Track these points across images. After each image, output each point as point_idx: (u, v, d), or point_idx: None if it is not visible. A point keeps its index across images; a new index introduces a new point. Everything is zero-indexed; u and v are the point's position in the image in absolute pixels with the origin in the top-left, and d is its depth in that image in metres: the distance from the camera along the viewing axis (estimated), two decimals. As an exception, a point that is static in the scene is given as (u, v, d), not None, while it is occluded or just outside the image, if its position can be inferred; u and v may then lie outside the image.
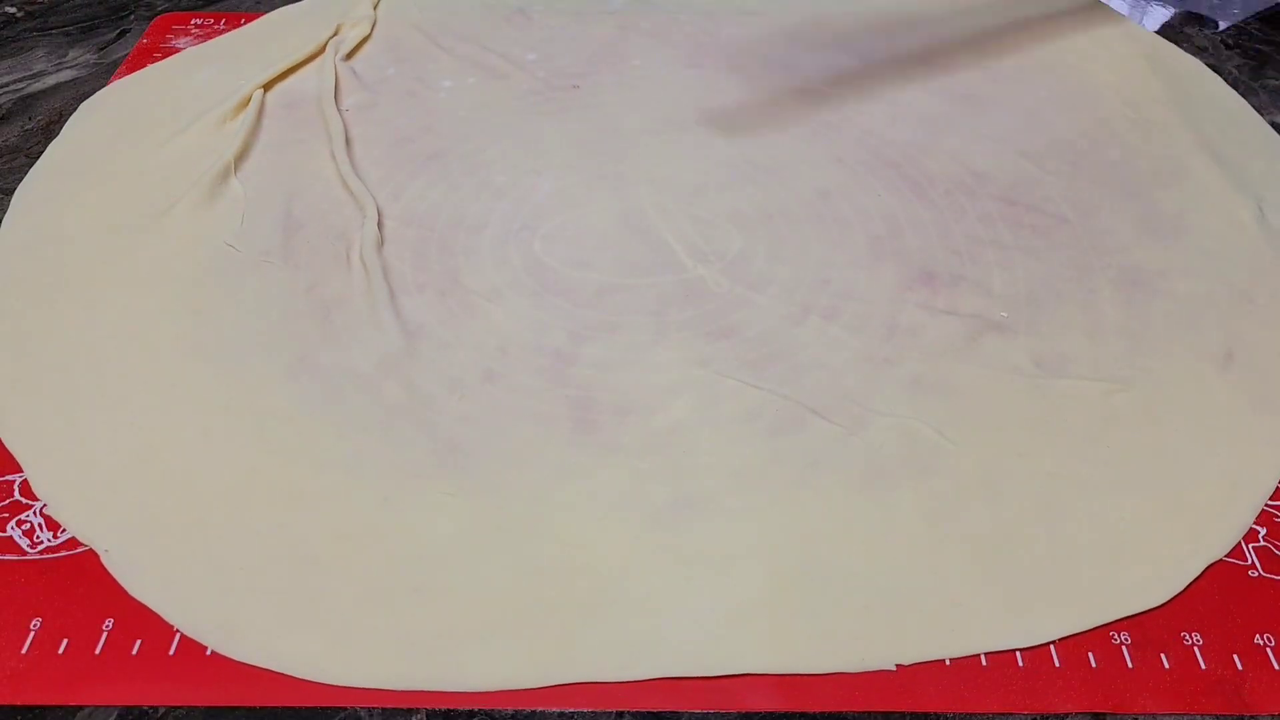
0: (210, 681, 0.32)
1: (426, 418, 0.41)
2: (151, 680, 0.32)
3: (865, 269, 0.48)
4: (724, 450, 0.40)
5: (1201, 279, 0.47)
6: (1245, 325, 0.45)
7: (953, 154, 0.55)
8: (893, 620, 0.34)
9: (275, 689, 0.32)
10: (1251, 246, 0.49)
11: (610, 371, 0.43)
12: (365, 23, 0.65)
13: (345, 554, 0.36)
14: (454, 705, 0.32)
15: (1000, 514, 0.37)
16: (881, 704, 0.32)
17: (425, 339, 0.44)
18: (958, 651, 0.33)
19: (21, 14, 0.70)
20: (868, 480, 0.38)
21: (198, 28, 0.67)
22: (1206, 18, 0.69)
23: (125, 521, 0.37)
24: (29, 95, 0.61)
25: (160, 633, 0.34)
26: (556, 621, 0.34)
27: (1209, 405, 0.42)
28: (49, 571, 0.35)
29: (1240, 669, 0.33)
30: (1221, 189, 0.52)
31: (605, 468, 0.39)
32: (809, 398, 0.42)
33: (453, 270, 0.48)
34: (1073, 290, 0.47)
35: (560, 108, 0.58)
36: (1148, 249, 0.49)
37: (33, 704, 0.32)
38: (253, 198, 0.51)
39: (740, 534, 0.37)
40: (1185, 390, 0.42)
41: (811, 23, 0.66)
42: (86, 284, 0.46)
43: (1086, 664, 0.33)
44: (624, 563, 0.36)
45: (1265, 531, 0.37)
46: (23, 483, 0.38)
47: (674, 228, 0.50)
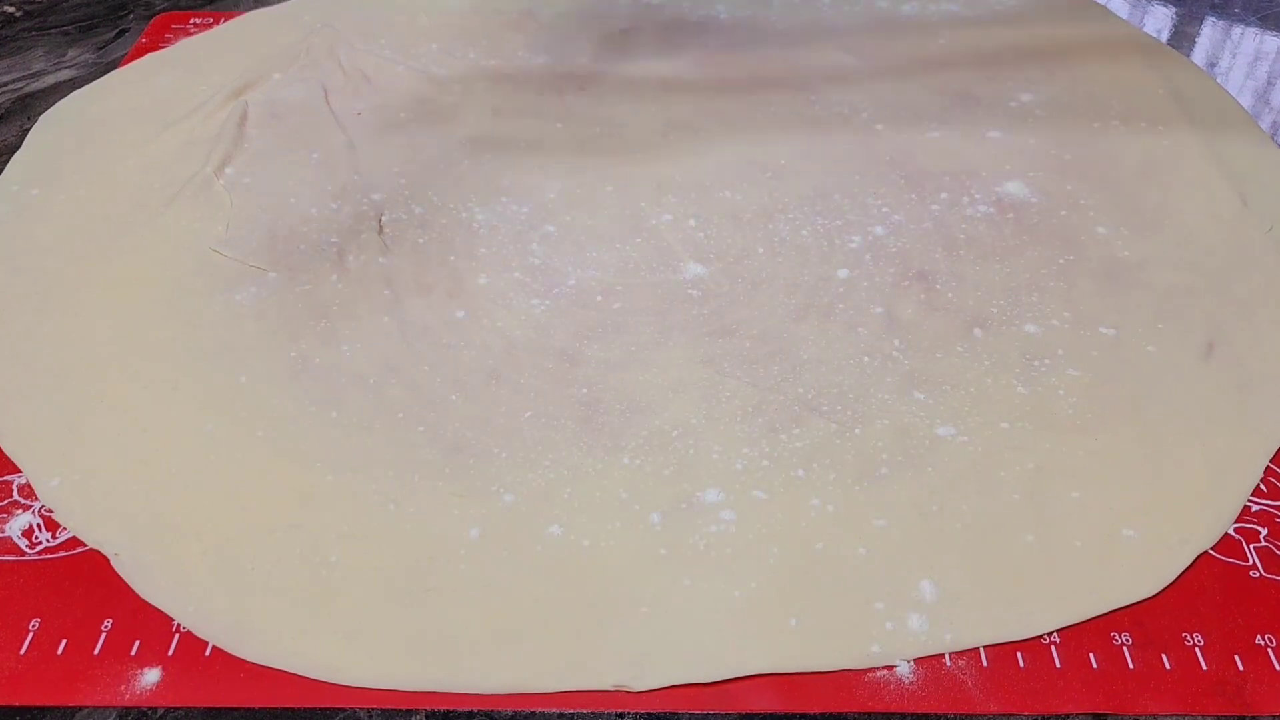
0: (210, 681, 0.32)
1: (432, 419, 0.41)
2: (151, 680, 0.32)
3: (862, 267, 0.48)
4: (726, 448, 0.40)
5: (1183, 270, 0.48)
6: (1226, 316, 0.45)
7: (948, 152, 0.55)
8: (892, 616, 0.34)
9: (275, 689, 0.32)
10: (1233, 238, 0.50)
11: (614, 371, 0.43)
12: (335, 32, 0.64)
13: (353, 554, 0.36)
14: (454, 706, 0.32)
15: (992, 507, 0.38)
16: (882, 704, 0.32)
17: (430, 340, 0.44)
18: (956, 646, 0.34)
19: (20, 13, 0.70)
20: (864, 475, 0.39)
21: (196, 27, 0.67)
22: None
23: (134, 525, 0.37)
24: (28, 95, 0.61)
25: (160, 633, 0.34)
26: (562, 622, 0.34)
27: (1193, 395, 0.42)
28: (48, 572, 0.35)
29: (1241, 669, 0.33)
30: (1204, 181, 0.53)
31: (610, 467, 0.39)
32: (808, 395, 0.42)
33: (458, 272, 0.48)
34: (1056, 284, 0.47)
35: (567, 109, 0.58)
36: (1129, 241, 0.49)
37: (32, 704, 0.32)
38: (239, 205, 0.51)
39: (742, 531, 0.37)
40: (1169, 381, 0.42)
41: (812, 23, 0.66)
42: (73, 291, 0.46)
43: (1088, 664, 0.33)
44: (629, 562, 0.36)
45: (1266, 531, 0.37)
46: (22, 484, 0.38)
47: (676, 228, 0.50)
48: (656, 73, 0.61)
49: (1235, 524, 0.37)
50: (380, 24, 0.66)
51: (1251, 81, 0.63)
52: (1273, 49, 0.67)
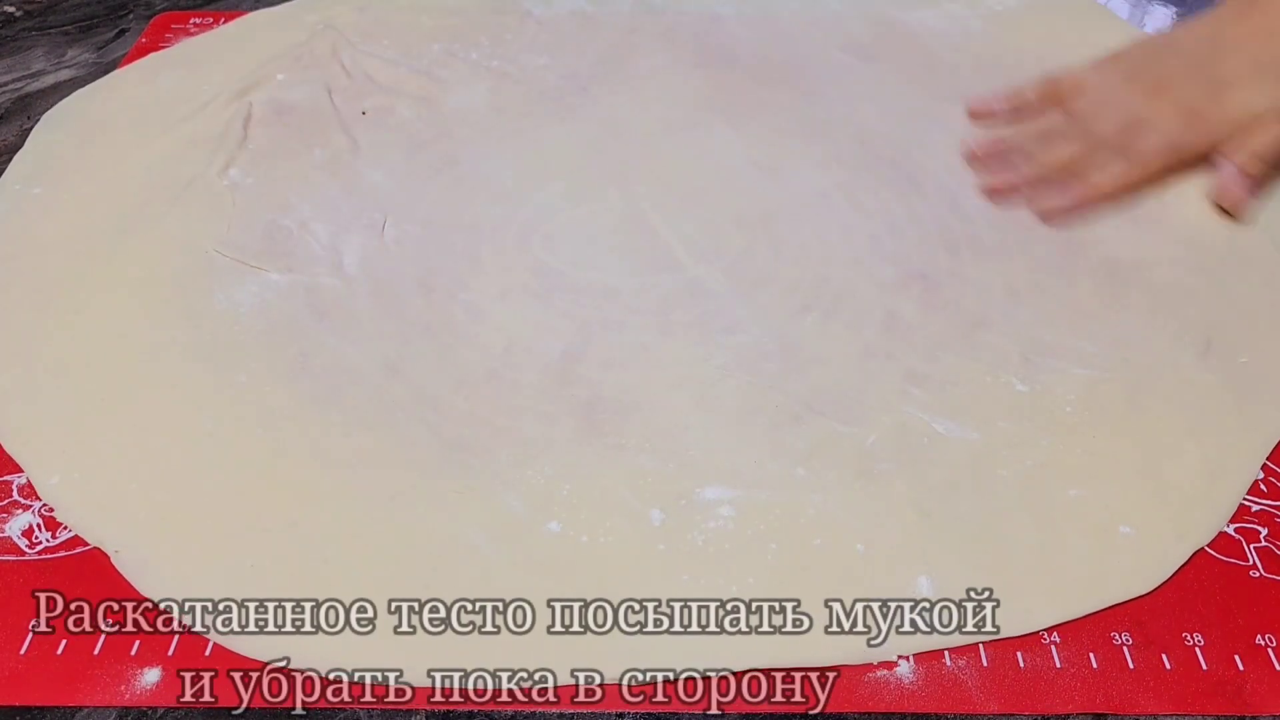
0: (210, 681, 0.32)
1: (433, 419, 0.41)
2: (151, 680, 0.32)
3: (863, 267, 0.48)
4: (726, 446, 0.40)
5: (1182, 270, 0.48)
6: (1225, 315, 0.46)
7: (945, 152, 0.55)
8: (892, 612, 0.34)
9: (275, 690, 0.32)
10: (1231, 238, 0.50)
11: (614, 370, 0.43)
12: (340, 29, 0.64)
13: (353, 552, 0.36)
14: (454, 706, 0.32)
15: (990, 504, 0.38)
16: (882, 704, 0.32)
17: (431, 339, 0.44)
18: (955, 642, 0.34)
19: (20, 13, 0.70)
20: (863, 473, 0.39)
21: (197, 27, 0.67)
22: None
23: (134, 523, 0.37)
24: (28, 94, 0.61)
25: (160, 633, 0.34)
26: (561, 618, 0.34)
27: (1191, 394, 0.42)
28: (49, 572, 0.35)
29: (1241, 669, 0.33)
30: (1203, 181, 0.53)
31: (610, 465, 0.39)
32: (807, 394, 0.42)
33: (459, 271, 0.48)
34: (1055, 283, 0.47)
35: (568, 110, 0.58)
36: (1128, 240, 0.49)
37: (33, 704, 0.32)
38: (241, 205, 0.51)
39: (741, 528, 0.37)
40: (1166, 379, 0.43)
41: (814, 24, 0.66)
42: (74, 290, 0.46)
43: (1088, 664, 0.33)
44: (629, 559, 0.36)
45: (1266, 531, 0.37)
46: (22, 484, 0.38)
47: (676, 228, 0.50)
48: (658, 73, 0.62)
49: (1235, 524, 0.37)
50: (383, 25, 0.66)
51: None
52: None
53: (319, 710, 0.32)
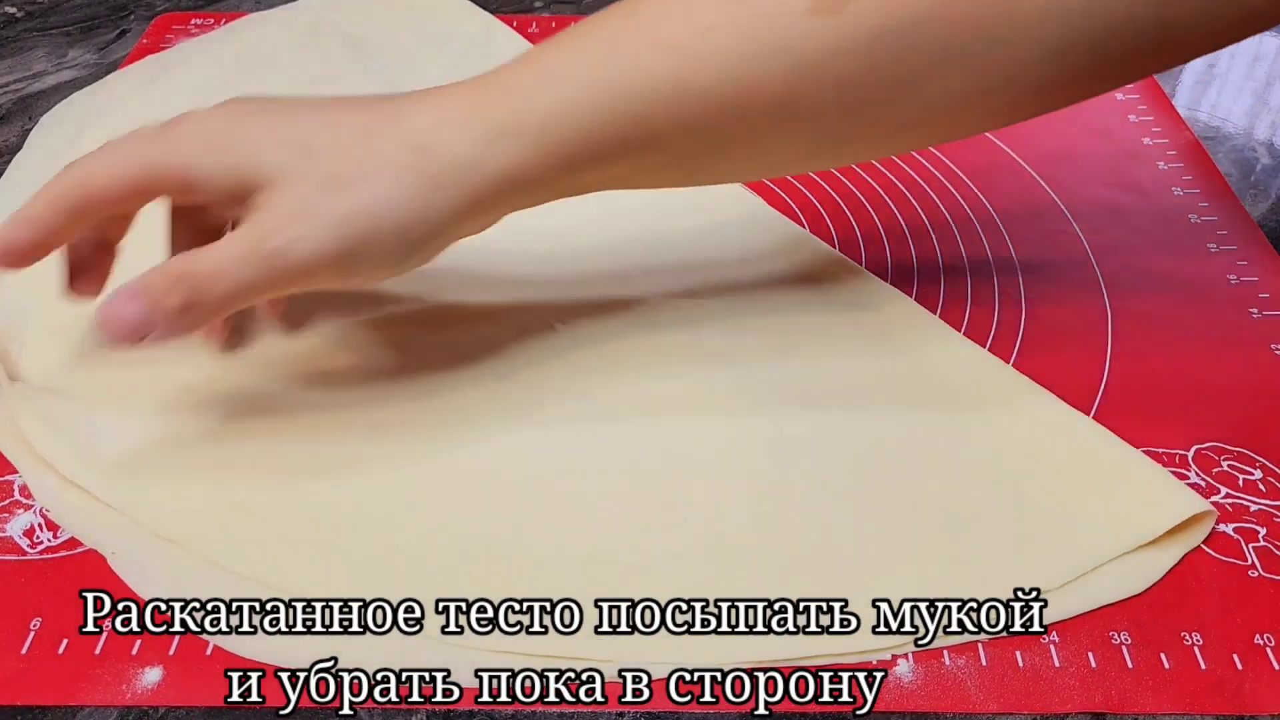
0: (211, 681, 0.32)
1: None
2: (152, 680, 0.32)
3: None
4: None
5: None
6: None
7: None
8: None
9: (275, 690, 0.32)
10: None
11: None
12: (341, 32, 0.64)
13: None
14: (454, 706, 0.32)
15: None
16: (881, 704, 0.32)
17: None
18: (954, 640, 0.34)
19: (21, 14, 0.70)
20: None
21: (198, 28, 0.67)
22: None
23: (130, 524, 0.37)
24: (29, 95, 0.61)
25: (161, 633, 0.34)
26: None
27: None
28: (49, 571, 0.35)
29: (1240, 669, 0.33)
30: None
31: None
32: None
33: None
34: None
35: None
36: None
37: (33, 704, 0.32)
38: None
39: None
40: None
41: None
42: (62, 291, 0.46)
43: (1086, 664, 0.33)
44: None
45: (1265, 531, 0.37)
46: (22, 484, 0.38)
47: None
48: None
49: (1234, 524, 0.37)
50: (378, 26, 0.66)
51: (1250, 82, 0.63)
52: (1272, 50, 0.67)
53: (319, 710, 0.32)
